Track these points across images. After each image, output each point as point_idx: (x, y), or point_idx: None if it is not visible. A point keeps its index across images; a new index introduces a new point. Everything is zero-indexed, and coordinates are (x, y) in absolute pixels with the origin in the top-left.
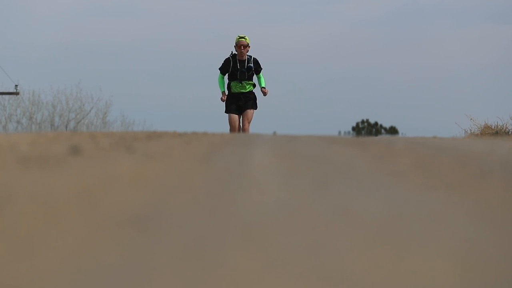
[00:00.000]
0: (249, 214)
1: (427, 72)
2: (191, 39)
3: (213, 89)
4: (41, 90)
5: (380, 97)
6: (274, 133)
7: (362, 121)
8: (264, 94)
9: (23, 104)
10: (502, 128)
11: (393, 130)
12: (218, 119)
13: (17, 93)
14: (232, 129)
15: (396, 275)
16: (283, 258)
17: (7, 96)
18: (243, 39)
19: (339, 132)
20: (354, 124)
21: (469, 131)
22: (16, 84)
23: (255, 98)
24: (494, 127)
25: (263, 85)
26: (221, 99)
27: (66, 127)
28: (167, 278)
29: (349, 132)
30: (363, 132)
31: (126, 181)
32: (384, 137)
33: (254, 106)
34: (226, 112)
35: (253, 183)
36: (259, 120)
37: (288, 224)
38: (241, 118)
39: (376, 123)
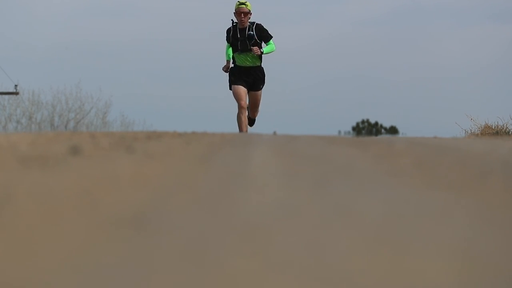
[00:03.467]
0: (249, 214)
1: (427, 72)
2: (191, 39)
3: (213, 89)
4: (41, 90)
5: (380, 97)
6: (274, 133)
7: (362, 121)
8: (253, 51)
9: (23, 104)
10: (503, 128)
11: (393, 130)
12: (218, 119)
13: (16, 93)
14: (239, 102)
15: (396, 275)
16: (283, 258)
17: (6, 96)
18: (243, 6)
19: (339, 132)
20: (354, 124)
21: (469, 131)
22: (16, 84)
23: (263, 77)
24: (495, 127)
25: (264, 51)
26: (223, 68)
27: (66, 127)
28: (167, 278)
29: (349, 132)
30: (363, 132)
31: (126, 181)
32: (384, 137)
33: (261, 85)
34: (230, 84)
35: (253, 183)
36: (260, 119)
37: (288, 224)
38: (249, 103)
39: (376, 123)
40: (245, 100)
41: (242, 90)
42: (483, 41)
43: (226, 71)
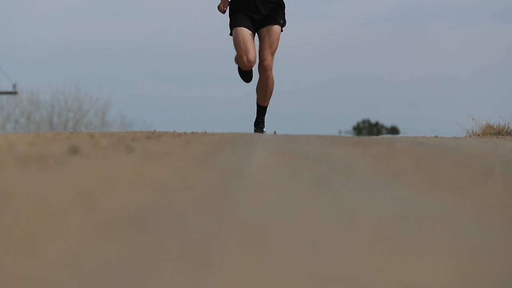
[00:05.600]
0: (249, 214)
1: (428, 72)
2: (190, 39)
3: (213, 89)
4: (40, 89)
5: (381, 97)
6: (274, 133)
7: (363, 121)
8: None
9: (22, 103)
10: (504, 128)
11: (394, 130)
12: (218, 119)
13: (15, 93)
14: (241, 55)
15: (396, 275)
16: (283, 258)
17: (5, 96)
18: None
19: (340, 132)
20: (355, 124)
21: (470, 131)
22: (15, 83)
23: (281, 4)
24: (496, 126)
25: None
26: (219, 8)
27: (65, 127)
28: (166, 278)
29: (349, 132)
30: (364, 131)
31: (125, 181)
32: (385, 137)
33: (281, 20)
34: (231, 25)
35: (253, 183)
36: None
37: (288, 224)
38: (259, 42)
39: (377, 123)
40: (254, 52)
41: (246, 36)
42: (485, 40)
43: (222, 11)
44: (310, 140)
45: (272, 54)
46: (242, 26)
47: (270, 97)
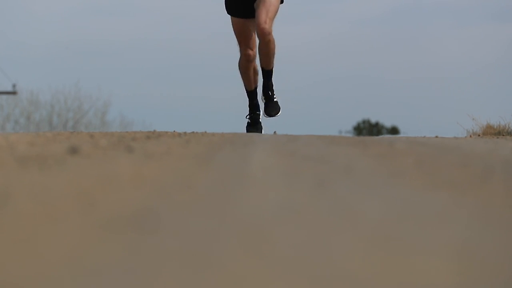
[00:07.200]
0: (249, 214)
1: (428, 72)
2: (191, 39)
3: (213, 89)
4: (40, 89)
5: (381, 97)
6: (274, 133)
7: (363, 121)
8: None
9: (21, 103)
10: (505, 128)
11: (394, 130)
12: (218, 119)
13: (15, 93)
14: (241, 43)
15: (396, 275)
16: (283, 258)
17: (5, 96)
18: None
19: (340, 132)
20: (355, 124)
21: (471, 131)
22: (14, 83)
23: None
24: (496, 126)
25: None
26: None
27: (65, 127)
28: (166, 278)
29: (349, 132)
30: (364, 131)
31: (125, 181)
32: (385, 137)
33: None
34: (226, 8)
35: (253, 183)
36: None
37: (288, 224)
38: (255, 8)
39: (377, 123)
40: (254, 41)
41: (243, 26)
42: (485, 39)
43: None
44: (310, 140)
45: (271, 19)
46: (239, 17)
47: (273, 58)
